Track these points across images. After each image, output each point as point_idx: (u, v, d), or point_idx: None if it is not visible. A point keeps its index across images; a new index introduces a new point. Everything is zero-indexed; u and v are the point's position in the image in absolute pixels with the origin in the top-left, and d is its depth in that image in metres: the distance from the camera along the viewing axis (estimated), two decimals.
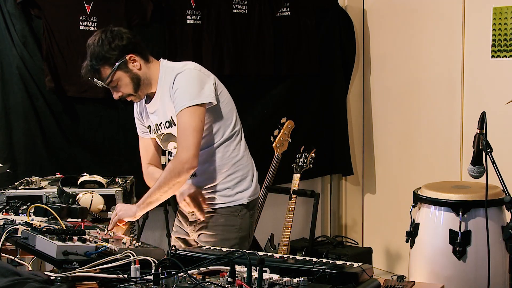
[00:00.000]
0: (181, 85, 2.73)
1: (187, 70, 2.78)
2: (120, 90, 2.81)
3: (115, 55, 2.74)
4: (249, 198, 2.91)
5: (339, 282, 1.86)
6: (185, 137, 2.70)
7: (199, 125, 2.72)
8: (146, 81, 2.82)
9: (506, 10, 4.08)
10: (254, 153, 4.75)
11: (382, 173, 5.20)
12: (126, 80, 2.78)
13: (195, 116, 2.71)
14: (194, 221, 2.96)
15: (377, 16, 5.14)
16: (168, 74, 2.81)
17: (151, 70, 2.84)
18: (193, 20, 4.41)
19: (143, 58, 2.82)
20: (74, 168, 3.82)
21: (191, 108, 2.70)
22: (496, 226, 3.23)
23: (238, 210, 2.89)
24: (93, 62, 2.76)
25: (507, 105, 3.43)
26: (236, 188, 2.89)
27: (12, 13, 3.84)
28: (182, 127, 2.72)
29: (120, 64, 2.75)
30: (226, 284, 1.76)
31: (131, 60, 2.77)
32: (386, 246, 5.13)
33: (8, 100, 3.90)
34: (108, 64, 2.75)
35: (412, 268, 3.49)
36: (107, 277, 1.96)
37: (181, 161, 2.70)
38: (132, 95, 2.83)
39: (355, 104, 5.31)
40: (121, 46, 2.75)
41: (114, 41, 2.75)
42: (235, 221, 2.89)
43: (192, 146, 2.70)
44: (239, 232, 2.89)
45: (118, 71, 2.75)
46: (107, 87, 2.81)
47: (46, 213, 2.71)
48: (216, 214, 2.89)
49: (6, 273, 1.93)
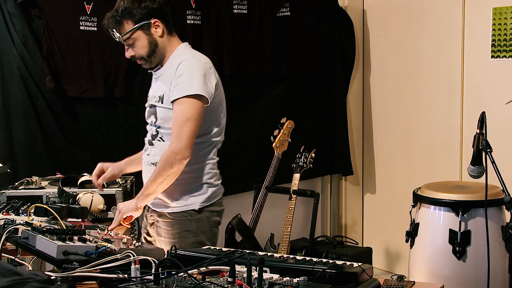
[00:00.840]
0: (184, 73, 2.72)
1: (197, 61, 2.78)
2: (134, 50, 2.81)
3: (142, 14, 2.75)
4: (201, 204, 2.86)
5: (339, 282, 1.86)
6: (179, 127, 2.69)
7: (195, 116, 2.70)
8: (161, 50, 2.82)
9: (505, 10, 4.08)
10: (254, 153, 4.80)
11: (382, 173, 5.20)
12: (144, 42, 2.79)
13: (192, 106, 2.69)
14: (153, 222, 2.96)
15: (377, 16, 5.14)
16: (179, 56, 2.81)
17: (171, 43, 2.85)
18: (193, 20, 4.41)
19: (167, 28, 2.83)
20: (74, 168, 3.82)
21: (190, 98, 2.69)
22: (496, 226, 3.23)
23: (191, 214, 2.85)
24: (119, 13, 2.76)
25: (506, 105, 3.43)
26: (189, 193, 2.85)
27: (12, 13, 3.84)
28: (177, 116, 2.70)
29: (143, 24, 2.75)
30: (226, 284, 1.76)
31: (155, 24, 2.78)
32: (386, 246, 5.13)
33: (8, 100, 3.90)
34: (132, 20, 2.75)
35: (412, 268, 3.50)
36: (107, 277, 1.96)
37: (173, 151, 2.69)
38: (144, 59, 2.83)
39: (355, 104, 5.32)
40: (150, 8, 2.76)
41: (145, 1, 2.76)
42: (191, 225, 2.86)
43: (185, 136, 2.68)
44: (196, 237, 2.85)
45: (139, 30, 2.76)
46: (123, 42, 2.80)
47: (47, 213, 2.71)
48: (171, 220, 2.88)
49: (7, 273, 1.94)
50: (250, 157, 4.78)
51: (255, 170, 4.55)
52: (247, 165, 4.74)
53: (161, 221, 2.91)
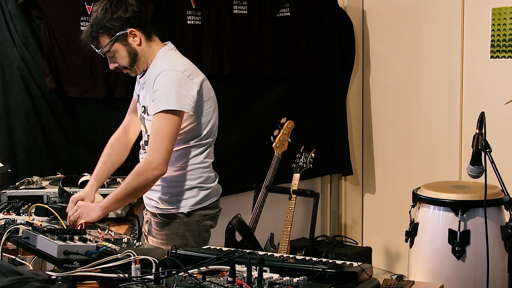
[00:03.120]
0: (162, 86, 2.66)
1: (173, 71, 2.70)
2: (116, 62, 2.77)
3: (116, 26, 2.69)
4: (191, 207, 2.83)
5: (338, 282, 1.87)
6: (158, 142, 2.63)
7: (173, 131, 2.64)
8: (143, 58, 2.77)
9: (505, 11, 4.09)
10: (254, 153, 4.81)
11: (381, 173, 5.21)
12: (123, 53, 2.74)
13: (171, 121, 2.64)
14: (147, 220, 2.97)
15: (376, 17, 5.14)
16: (157, 66, 2.75)
17: (151, 49, 2.79)
18: (194, 20, 4.42)
19: (145, 34, 2.76)
20: (75, 168, 3.83)
21: (169, 112, 2.63)
22: (495, 225, 3.24)
23: (180, 218, 2.83)
24: (93, 29, 2.71)
25: (506, 105, 3.43)
26: (179, 196, 2.82)
27: (13, 14, 3.84)
28: (156, 131, 2.65)
29: (119, 36, 2.70)
30: (226, 283, 1.77)
31: (131, 34, 2.72)
32: (386, 246, 5.14)
33: (9, 100, 3.91)
34: (107, 34, 2.70)
35: (412, 267, 3.50)
36: (107, 276, 1.96)
37: (150, 165, 2.62)
38: (127, 68, 2.79)
39: (355, 104, 5.32)
40: (123, 18, 2.70)
41: (117, 12, 2.69)
42: (179, 228, 2.83)
43: (164, 151, 2.62)
44: (183, 240, 2.83)
45: (116, 42, 2.71)
46: (103, 56, 2.77)
47: (47, 213, 2.72)
48: (161, 221, 2.87)
49: (7, 273, 1.94)
50: (250, 157, 4.78)
51: (255, 170, 4.55)
52: (247, 165, 4.75)
53: (153, 221, 2.90)
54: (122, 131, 3.09)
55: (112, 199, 2.68)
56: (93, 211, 2.67)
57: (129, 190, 2.65)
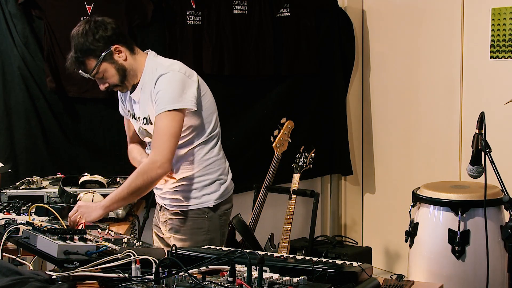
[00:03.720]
0: (163, 88, 2.69)
1: (171, 72, 2.73)
2: (107, 81, 2.77)
3: (100, 46, 2.70)
4: (215, 201, 2.88)
5: (338, 282, 1.87)
6: (162, 141, 2.67)
7: (177, 130, 2.68)
8: (132, 72, 2.79)
9: (504, 11, 4.09)
10: (254, 153, 4.81)
11: (381, 173, 5.21)
12: (112, 71, 2.75)
13: (174, 120, 2.67)
14: (165, 220, 2.97)
15: (376, 17, 5.15)
16: (152, 70, 2.77)
17: (137, 61, 2.80)
18: (194, 20, 4.42)
19: (129, 48, 2.78)
20: (75, 168, 3.84)
21: (171, 112, 2.67)
22: (495, 225, 3.24)
23: (205, 212, 2.87)
24: (78, 54, 2.71)
25: (506, 105, 3.43)
26: (203, 191, 2.87)
27: (13, 14, 3.84)
28: (159, 130, 2.68)
29: (105, 55, 2.71)
30: (226, 283, 1.77)
31: (116, 51, 2.73)
32: (386, 246, 5.14)
33: (9, 100, 3.91)
34: (93, 56, 2.71)
35: (411, 267, 3.50)
36: (108, 276, 1.97)
37: (154, 165, 2.66)
38: (119, 85, 2.80)
39: (355, 104, 5.33)
40: (105, 37, 2.70)
41: (98, 32, 2.70)
42: (203, 223, 2.88)
43: (168, 150, 2.66)
44: (207, 234, 2.87)
45: (103, 62, 2.71)
46: (92, 78, 2.77)
47: (47, 213, 2.72)
48: (184, 217, 2.89)
49: (8, 273, 1.94)
50: (250, 157, 4.78)
51: (255, 170, 4.55)
52: (247, 165, 4.74)
53: (174, 219, 2.92)
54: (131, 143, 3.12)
55: (114, 198, 2.71)
56: (94, 210, 2.70)
57: (133, 189, 2.68)
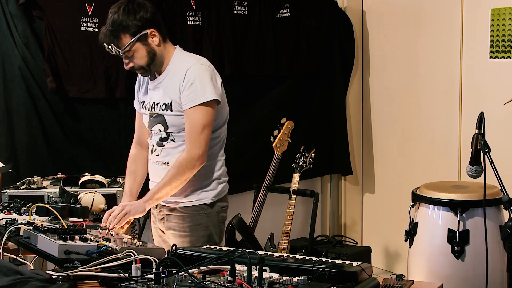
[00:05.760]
0: (195, 80, 2.77)
1: (202, 65, 2.83)
2: (134, 61, 2.83)
3: (138, 25, 2.76)
4: (213, 199, 2.94)
5: (338, 281, 1.88)
6: (197, 134, 2.77)
7: (210, 122, 2.80)
8: (160, 58, 2.85)
9: (504, 11, 4.09)
10: (254, 153, 4.81)
11: (381, 173, 5.21)
12: (143, 52, 2.81)
13: (207, 113, 2.78)
14: (162, 217, 3.00)
15: (376, 17, 5.15)
16: (181, 61, 2.85)
17: (167, 50, 2.88)
18: (194, 21, 4.43)
19: (162, 35, 2.85)
20: (75, 168, 3.84)
21: (204, 105, 2.76)
22: (494, 225, 3.25)
23: (203, 209, 2.92)
24: (115, 28, 2.76)
25: (505, 105, 3.44)
26: (202, 188, 2.92)
27: (14, 14, 3.85)
28: (193, 124, 2.77)
29: (141, 36, 2.77)
30: (227, 283, 1.78)
31: (151, 34, 2.80)
32: (385, 245, 5.15)
33: (10, 101, 3.92)
34: (130, 33, 2.76)
35: (411, 267, 3.51)
36: (108, 276, 1.97)
37: (193, 157, 2.77)
38: (144, 68, 2.85)
39: (355, 104, 5.33)
40: (145, 19, 2.78)
41: (139, 12, 2.77)
42: (202, 219, 2.92)
43: (204, 142, 2.78)
44: (206, 230, 2.92)
45: (137, 42, 2.78)
46: (121, 55, 2.81)
47: (48, 213, 2.73)
48: (182, 214, 2.92)
49: (8, 272, 1.95)
50: (250, 157, 4.79)
51: (255, 170, 4.56)
52: (247, 165, 4.75)
53: (172, 215, 2.95)
54: (137, 146, 3.13)
55: (155, 192, 2.81)
56: (139, 206, 2.81)
57: (174, 182, 2.79)
